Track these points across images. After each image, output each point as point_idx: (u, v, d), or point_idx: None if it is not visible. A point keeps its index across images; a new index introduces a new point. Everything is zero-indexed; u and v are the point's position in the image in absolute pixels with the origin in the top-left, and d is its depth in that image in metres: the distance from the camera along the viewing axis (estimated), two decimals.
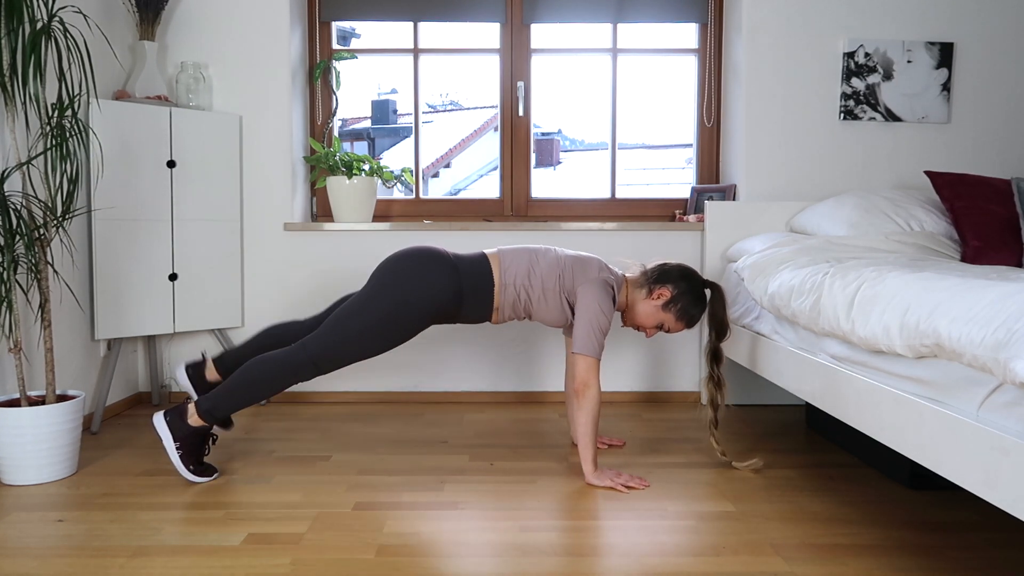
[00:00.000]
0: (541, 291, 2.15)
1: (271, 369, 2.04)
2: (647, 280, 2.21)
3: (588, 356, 2.06)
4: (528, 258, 2.18)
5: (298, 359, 2.05)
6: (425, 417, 2.82)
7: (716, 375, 2.21)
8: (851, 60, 3.00)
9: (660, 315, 2.20)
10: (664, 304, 2.18)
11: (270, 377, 2.04)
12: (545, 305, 2.16)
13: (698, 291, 2.20)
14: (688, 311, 2.19)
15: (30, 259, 2.05)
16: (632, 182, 3.39)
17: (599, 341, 2.07)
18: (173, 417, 2.04)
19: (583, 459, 2.08)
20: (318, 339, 2.05)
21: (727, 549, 1.65)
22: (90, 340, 2.67)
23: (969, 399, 1.33)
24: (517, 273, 2.15)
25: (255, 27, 2.99)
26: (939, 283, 1.49)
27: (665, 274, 2.20)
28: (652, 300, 2.19)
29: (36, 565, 1.57)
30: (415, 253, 2.13)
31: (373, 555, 1.62)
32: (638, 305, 2.21)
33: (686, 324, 2.21)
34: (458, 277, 2.11)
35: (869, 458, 2.25)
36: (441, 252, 2.14)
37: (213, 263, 2.90)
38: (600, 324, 2.08)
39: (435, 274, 2.09)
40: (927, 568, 1.58)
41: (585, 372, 2.06)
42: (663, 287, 2.18)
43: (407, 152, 3.39)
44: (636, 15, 3.19)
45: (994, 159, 3.10)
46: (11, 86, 2.04)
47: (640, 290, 2.21)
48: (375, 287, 2.08)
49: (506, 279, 2.15)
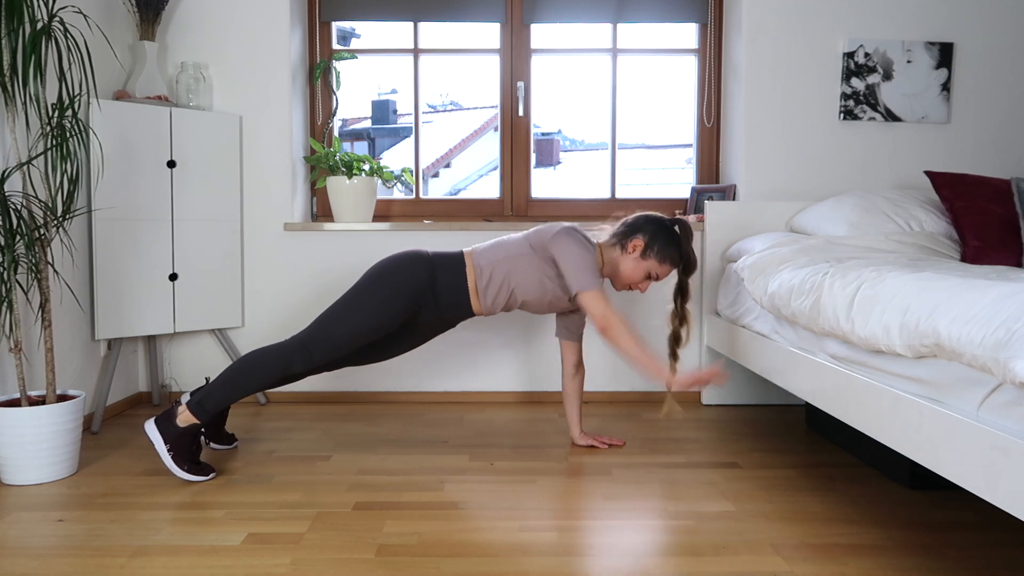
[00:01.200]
0: (515, 261, 2.20)
1: (261, 357, 2.11)
2: (618, 238, 2.27)
3: (589, 290, 2.11)
4: (495, 241, 2.29)
5: (288, 345, 2.13)
6: (425, 417, 2.82)
7: (681, 311, 2.29)
8: (851, 60, 3.01)
9: (642, 264, 2.25)
10: (642, 253, 2.24)
11: (260, 365, 2.10)
12: (521, 273, 2.20)
13: (668, 230, 2.26)
14: (666, 251, 2.24)
15: (30, 259, 2.05)
16: (632, 182, 3.39)
17: (593, 273, 2.13)
18: (161, 420, 2.07)
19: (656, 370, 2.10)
20: (308, 327, 2.16)
21: (727, 549, 1.65)
22: (90, 340, 2.67)
23: (969, 399, 1.33)
24: (485, 254, 2.24)
25: (255, 27, 2.99)
26: (939, 283, 1.49)
27: (631, 226, 2.27)
28: (629, 254, 2.25)
29: (36, 565, 1.57)
30: (395, 254, 2.28)
31: (373, 555, 1.62)
32: (619, 264, 2.26)
33: (671, 263, 2.26)
34: (431, 258, 2.23)
35: (869, 458, 2.25)
36: (418, 249, 2.29)
37: (213, 263, 2.90)
38: (585, 259, 2.13)
39: (410, 256, 2.23)
40: (927, 568, 1.58)
41: (594, 306, 2.11)
42: (634, 238, 2.24)
43: (407, 152, 3.39)
44: (636, 15, 3.19)
45: (994, 159, 3.10)
46: (11, 86, 2.04)
47: (615, 248, 2.27)
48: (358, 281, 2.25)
49: (479, 262, 2.23)
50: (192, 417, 2.06)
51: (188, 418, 2.06)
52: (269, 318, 3.05)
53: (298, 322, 3.05)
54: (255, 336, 3.05)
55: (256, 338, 3.05)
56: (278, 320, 3.05)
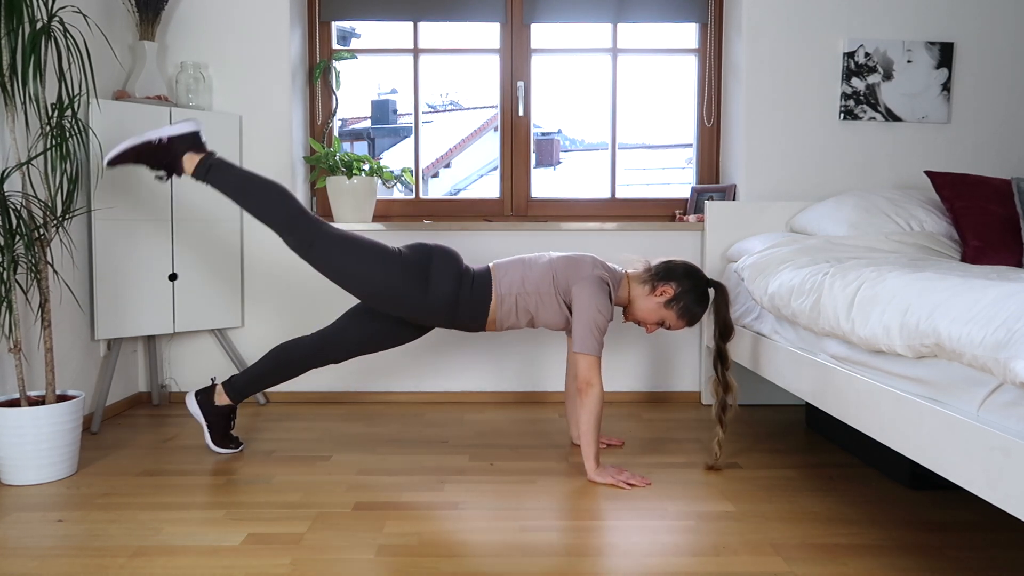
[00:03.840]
0: (537, 296, 2.15)
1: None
2: (650, 276, 2.21)
3: (588, 355, 2.07)
4: (520, 267, 2.19)
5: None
6: (425, 417, 2.82)
7: (724, 378, 2.19)
8: (851, 60, 3.00)
9: (662, 312, 2.20)
10: (667, 302, 2.19)
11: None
12: (544, 309, 2.17)
13: (701, 290, 2.21)
14: (691, 309, 2.19)
15: (30, 259, 2.05)
16: (632, 182, 3.39)
17: (598, 339, 2.08)
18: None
19: (585, 456, 2.09)
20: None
21: (727, 549, 1.65)
22: (90, 340, 2.67)
23: (969, 399, 1.33)
24: (512, 282, 2.16)
25: (255, 27, 2.99)
26: (939, 283, 1.49)
27: (669, 271, 2.20)
28: (654, 296, 2.20)
29: (36, 565, 1.57)
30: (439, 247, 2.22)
31: (373, 555, 1.62)
32: (640, 301, 2.21)
33: (687, 322, 2.22)
34: (464, 285, 2.16)
35: (869, 458, 2.25)
36: (455, 254, 2.22)
37: (213, 263, 2.90)
38: (597, 322, 2.08)
39: (455, 271, 2.16)
40: (927, 568, 1.58)
41: (586, 370, 2.06)
42: (666, 284, 2.19)
43: (407, 152, 3.39)
44: (636, 15, 3.19)
45: (994, 159, 3.10)
46: (11, 86, 2.04)
47: (643, 286, 2.21)
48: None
49: (502, 290, 2.16)
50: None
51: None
52: (269, 318, 3.05)
53: (298, 322, 3.05)
54: (255, 336, 3.05)
55: (256, 338, 3.05)
56: (278, 320, 3.05)
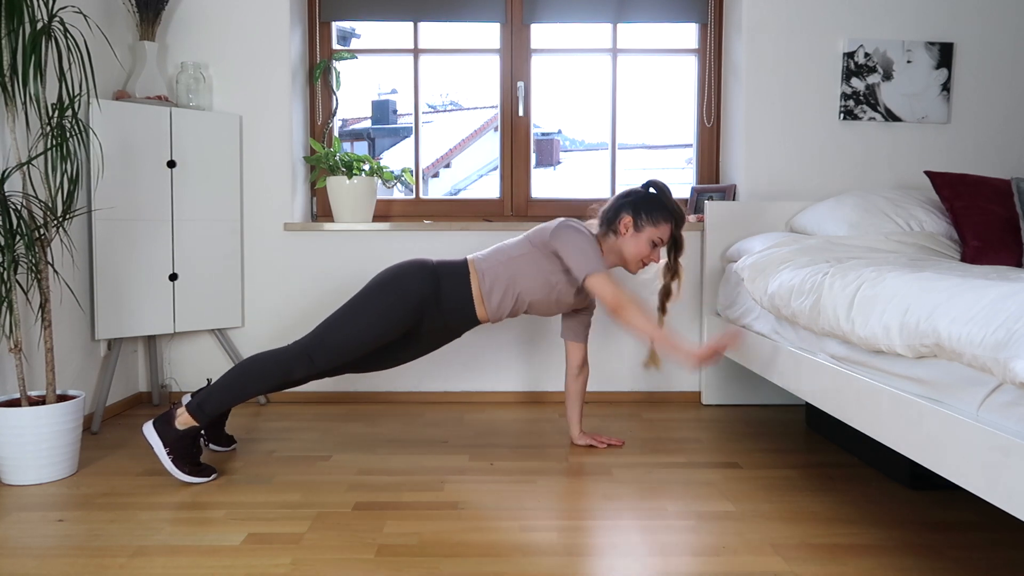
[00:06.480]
0: (518, 261, 2.21)
1: (263, 362, 2.10)
2: (606, 225, 2.28)
3: (595, 273, 2.12)
4: (495, 247, 2.30)
5: (290, 351, 2.12)
6: (425, 417, 2.82)
7: (674, 264, 2.31)
8: (851, 60, 3.01)
9: (641, 237, 2.25)
10: (634, 227, 2.25)
11: (261, 370, 2.09)
12: (528, 274, 2.20)
13: (646, 196, 2.28)
14: (655, 214, 2.25)
15: (30, 259, 2.05)
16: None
17: (597, 257, 2.14)
18: (160, 423, 2.06)
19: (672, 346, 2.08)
20: (310, 333, 2.16)
21: (727, 549, 1.65)
22: (90, 340, 2.67)
23: (969, 399, 1.33)
24: (487, 259, 2.25)
25: (255, 27, 2.99)
26: (939, 283, 1.49)
27: (610, 211, 2.29)
28: (624, 235, 2.25)
29: (36, 565, 1.57)
30: (399, 263, 2.27)
31: (373, 555, 1.62)
32: (621, 248, 2.27)
33: (666, 221, 2.26)
34: (435, 266, 2.22)
35: (869, 458, 2.25)
36: (422, 258, 2.29)
37: (213, 263, 2.90)
38: (588, 245, 2.14)
39: (414, 265, 2.22)
40: (927, 568, 1.58)
41: (603, 288, 2.11)
42: (620, 219, 2.25)
43: (407, 152, 3.39)
44: (636, 15, 3.19)
45: (994, 159, 3.10)
46: (11, 86, 2.04)
47: (608, 237, 2.28)
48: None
49: (481, 267, 2.23)
50: (191, 420, 2.05)
51: (187, 420, 2.05)
52: (269, 318, 3.05)
53: (298, 322, 3.05)
54: (255, 336, 3.05)
55: (256, 338, 3.05)
56: (278, 320, 3.05)
